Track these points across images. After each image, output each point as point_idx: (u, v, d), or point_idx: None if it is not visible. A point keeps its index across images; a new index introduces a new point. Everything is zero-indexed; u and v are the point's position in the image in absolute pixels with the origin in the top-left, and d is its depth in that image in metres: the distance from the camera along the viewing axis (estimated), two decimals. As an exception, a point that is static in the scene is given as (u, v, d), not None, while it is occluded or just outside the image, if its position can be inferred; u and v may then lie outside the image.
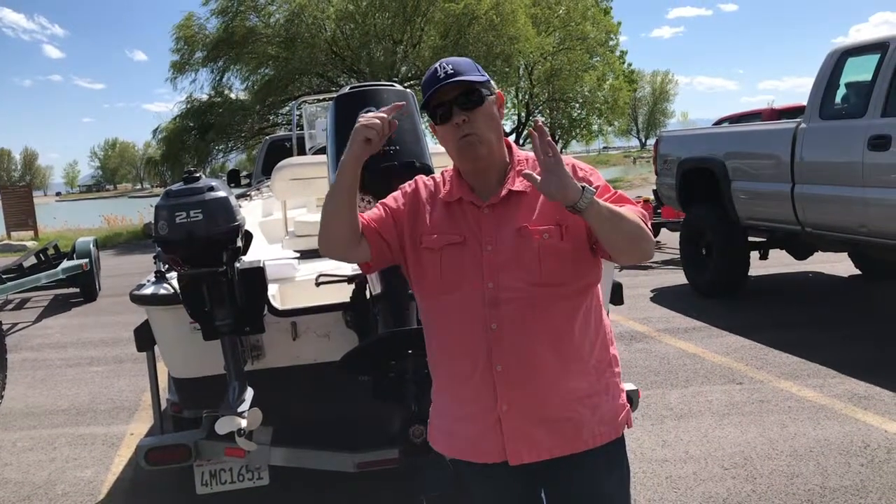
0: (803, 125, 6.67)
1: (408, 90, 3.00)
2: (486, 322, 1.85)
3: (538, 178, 1.73)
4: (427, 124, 2.72)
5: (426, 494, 2.57)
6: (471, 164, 1.93)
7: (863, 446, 4.05)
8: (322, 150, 5.04)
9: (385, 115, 1.87)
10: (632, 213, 1.81)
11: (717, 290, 7.86)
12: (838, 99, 6.57)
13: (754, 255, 8.05)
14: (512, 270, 1.84)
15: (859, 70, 6.39)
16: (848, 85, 6.52)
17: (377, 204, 2.02)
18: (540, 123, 1.75)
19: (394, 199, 2.02)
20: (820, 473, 3.78)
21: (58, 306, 10.38)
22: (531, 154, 1.98)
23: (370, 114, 1.88)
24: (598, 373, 1.93)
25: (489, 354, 1.85)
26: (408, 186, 2.06)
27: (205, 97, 25.43)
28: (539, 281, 1.83)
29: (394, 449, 2.95)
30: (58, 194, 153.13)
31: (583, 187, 1.71)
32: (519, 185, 1.90)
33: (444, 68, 1.89)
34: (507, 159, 1.97)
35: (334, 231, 1.91)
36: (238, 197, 3.75)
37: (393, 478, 3.10)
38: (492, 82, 1.94)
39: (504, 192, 1.90)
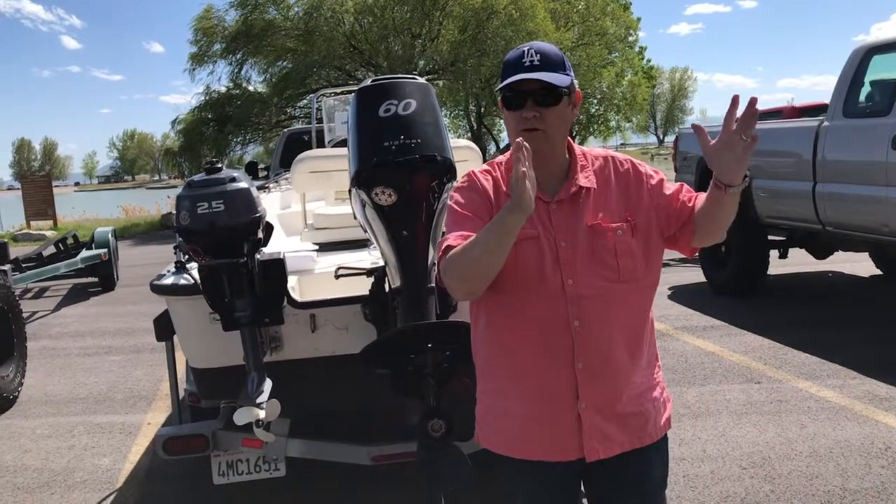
0: (826, 123, 6.59)
1: (429, 83, 2.99)
2: (569, 319, 1.83)
3: (709, 140, 1.72)
4: (451, 112, 2.70)
5: (445, 489, 2.57)
6: None
7: (884, 448, 4.01)
8: (341, 143, 5.04)
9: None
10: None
11: (735, 289, 7.80)
12: (862, 97, 6.49)
13: (773, 253, 7.98)
14: (590, 267, 1.83)
15: (885, 68, 6.31)
16: (873, 83, 6.43)
17: (467, 219, 1.87)
18: (754, 98, 1.68)
19: (475, 206, 1.89)
20: (840, 475, 3.74)
21: (76, 295, 10.47)
22: (587, 149, 1.99)
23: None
24: (650, 367, 1.97)
25: (572, 351, 1.83)
26: (479, 183, 1.94)
27: (223, 89, 25.51)
28: (617, 277, 1.84)
29: (411, 443, 2.94)
30: (76, 184, 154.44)
31: (746, 174, 1.72)
32: (585, 181, 1.90)
33: (532, 57, 1.82)
34: (567, 155, 1.94)
35: (481, 283, 1.79)
36: (256, 189, 3.76)
37: (411, 471, 3.09)
38: (575, 82, 1.89)
39: (573, 188, 1.88)
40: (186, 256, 3.19)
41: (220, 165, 2.77)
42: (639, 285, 1.89)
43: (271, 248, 2.98)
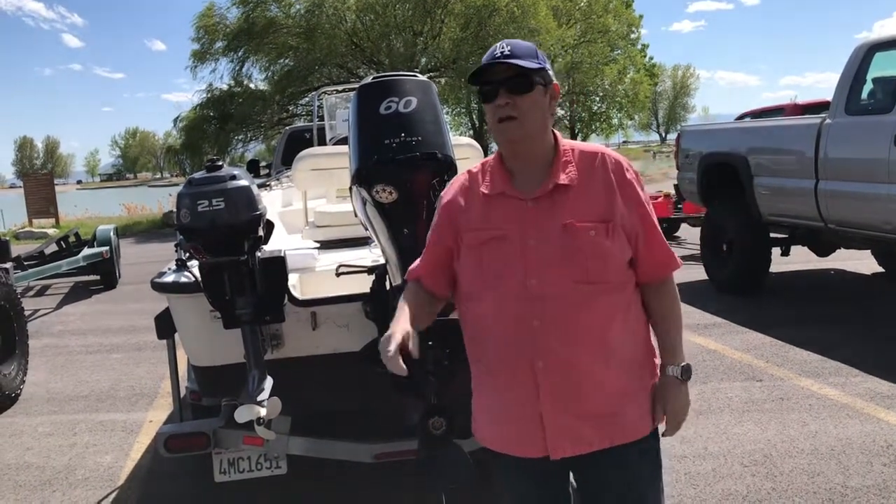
0: (828, 121, 6.58)
1: (430, 81, 2.98)
2: (529, 318, 1.83)
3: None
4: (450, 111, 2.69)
5: (445, 487, 2.56)
6: (506, 146, 1.92)
7: (885, 446, 4.00)
8: (343, 141, 5.04)
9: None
10: (677, 304, 1.99)
11: (737, 287, 7.79)
12: (865, 94, 6.47)
13: (776, 251, 7.96)
14: (557, 267, 1.82)
15: (887, 65, 6.30)
16: (875, 80, 6.41)
17: (431, 245, 2.04)
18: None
19: (438, 223, 2.02)
20: (841, 472, 3.74)
21: (78, 293, 10.47)
22: (577, 143, 1.98)
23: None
24: (640, 368, 1.94)
25: (532, 351, 1.84)
26: (444, 196, 2.04)
27: (225, 87, 25.53)
28: (584, 279, 1.82)
29: (412, 440, 2.94)
30: (78, 182, 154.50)
31: (682, 379, 1.93)
32: (564, 178, 1.88)
33: (503, 49, 1.87)
34: (552, 150, 1.94)
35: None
36: (258, 187, 3.78)
37: (412, 469, 3.10)
38: (549, 72, 1.90)
39: (551, 185, 1.87)
40: (187, 254, 3.19)
41: (220, 163, 2.77)
42: (610, 286, 1.86)
43: (272, 246, 2.97)
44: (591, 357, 1.85)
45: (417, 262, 2.07)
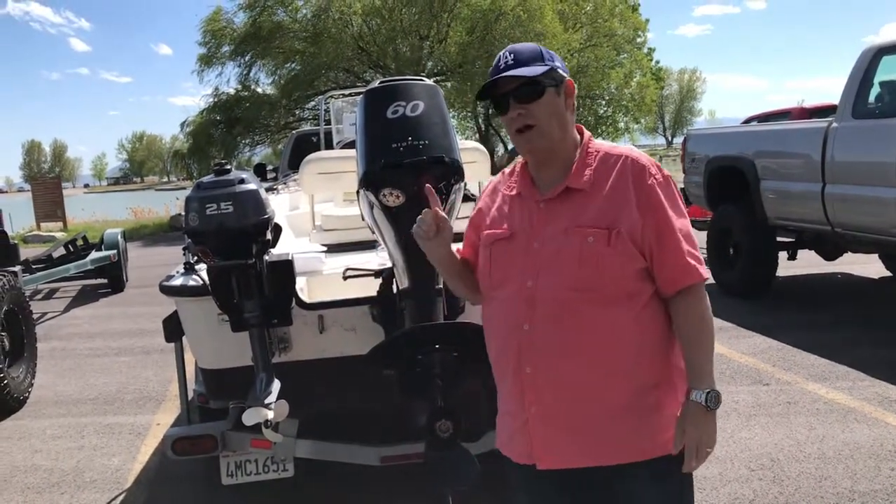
0: (835, 124, 6.57)
1: (437, 85, 2.99)
2: (521, 322, 1.80)
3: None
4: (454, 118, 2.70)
5: (451, 489, 2.57)
6: (528, 156, 1.90)
7: (893, 450, 3.99)
8: (350, 145, 5.05)
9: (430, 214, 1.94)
10: (702, 321, 1.86)
11: (744, 290, 7.77)
12: (872, 98, 6.46)
13: (782, 255, 7.95)
14: (552, 270, 1.78)
15: (894, 69, 6.28)
16: (882, 84, 6.40)
17: (466, 237, 2.10)
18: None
19: (473, 218, 2.07)
20: (849, 477, 3.73)
21: (86, 297, 10.51)
22: (605, 145, 1.90)
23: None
24: (653, 387, 1.82)
25: (519, 356, 1.81)
26: (484, 191, 2.10)
27: (231, 91, 25.57)
28: (575, 285, 1.76)
29: (419, 444, 2.95)
30: (86, 186, 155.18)
31: (708, 407, 1.80)
32: (577, 181, 1.82)
33: (506, 58, 1.83)
34: (577, 151, 1.88)
35: (458, 292, 2.16)
36: (265, 191, 3.79)
37: (419, 472, 3.10)
38: (559, 70, 1.84)
39: (562, 188, 1.83)
40: (195, 257, 3.20)
41: (228, 167, 2.78)
42: (608, 296, 1.76)
43: (280, 250, 2.98)
44: (584, 369, 1.77)
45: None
